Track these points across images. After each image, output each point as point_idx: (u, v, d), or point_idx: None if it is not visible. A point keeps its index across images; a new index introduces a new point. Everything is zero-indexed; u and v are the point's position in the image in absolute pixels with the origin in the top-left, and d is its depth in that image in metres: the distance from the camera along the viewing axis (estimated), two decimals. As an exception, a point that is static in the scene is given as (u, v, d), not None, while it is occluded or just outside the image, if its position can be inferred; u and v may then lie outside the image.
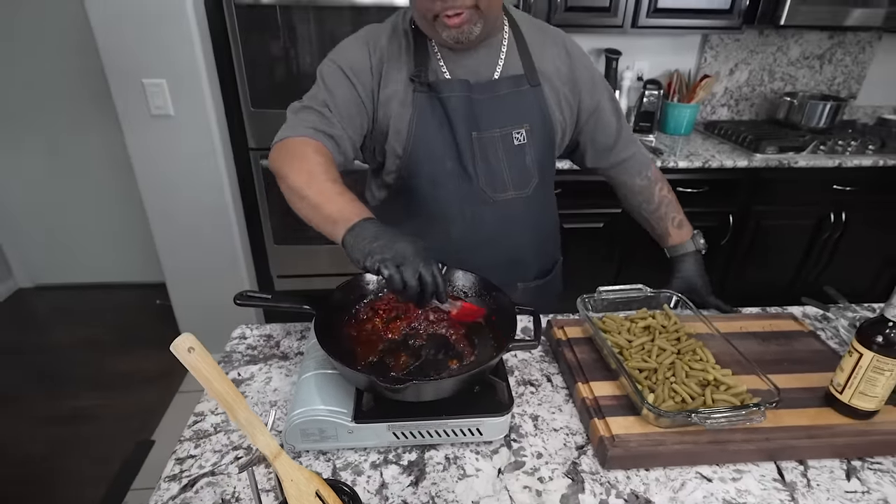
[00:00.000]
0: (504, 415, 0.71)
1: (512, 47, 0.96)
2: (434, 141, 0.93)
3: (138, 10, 1.59)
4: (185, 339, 0.50)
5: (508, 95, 0.94)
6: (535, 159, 0.98)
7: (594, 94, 1.02)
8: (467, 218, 0.98)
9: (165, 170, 1.85)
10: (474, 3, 0.81)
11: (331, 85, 0.90)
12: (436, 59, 0.93)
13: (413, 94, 0.91)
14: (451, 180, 0.95)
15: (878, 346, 0.69)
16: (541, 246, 1.10)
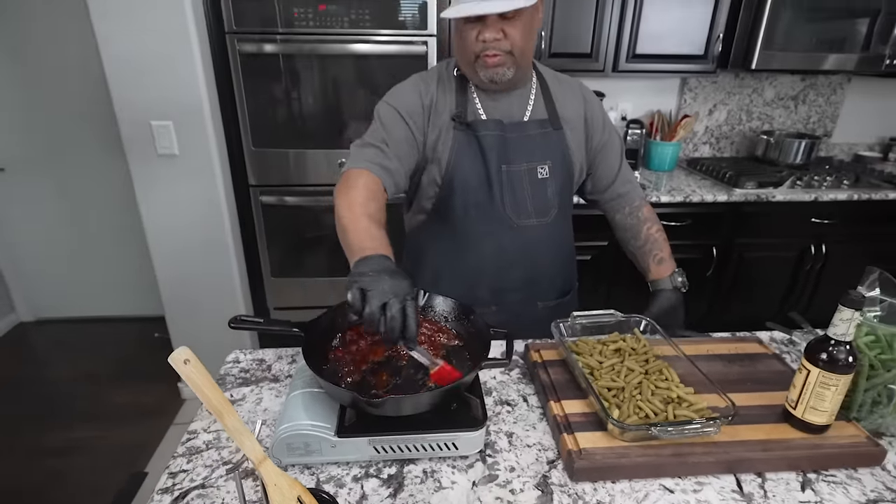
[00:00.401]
0: (478, 429, 0.75)
1: (539, 95, 1.11)
2: (469, 172, 1.06)
3: (150, 57, 1.71)
4: (182, 351, 0.56)
5: (535, 136, 1.09)
6: (556, 192, 1.11)
7: (603, 134, 1.17)
8: (494, 240, 1.10)
9: (169, 206, 1.93)
10: (510, 49, 0.97)
11: (388, 124, 1.03)
12: (474, 102, 1.07)
13: (453, 130, 1.05)
14: (481, 207, 1.08)
15: (824, 362, 0.74)
16: (558, 269, 1.20)
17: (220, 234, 2.00)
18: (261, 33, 1.82)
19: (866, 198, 2.20)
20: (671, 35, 2.17)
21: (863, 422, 0.83)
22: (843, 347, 0.74)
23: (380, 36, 1.86)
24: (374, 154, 1.00)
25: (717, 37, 2.17)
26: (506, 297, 1.16)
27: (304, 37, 1.83)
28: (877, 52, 2.19)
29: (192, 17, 1.69)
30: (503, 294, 1.15)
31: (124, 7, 1.65)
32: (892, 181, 2.29)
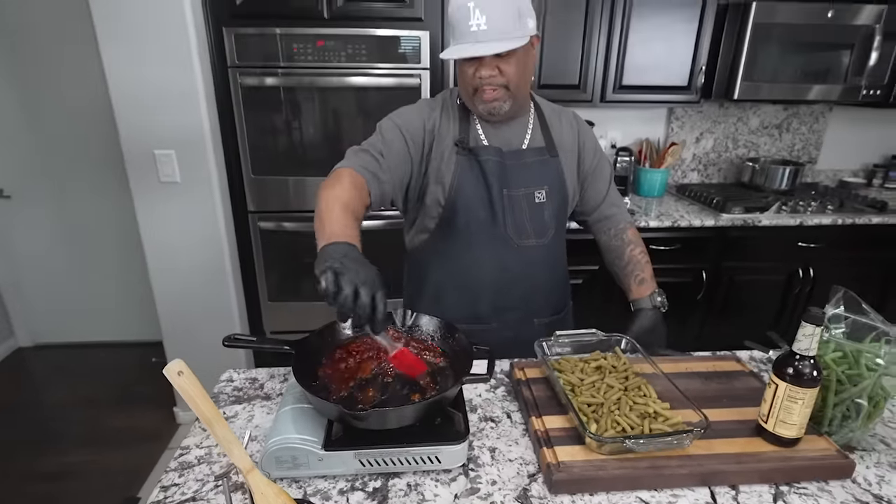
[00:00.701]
0: (460, 443, 0.78)
1: (536, 125, 1.18)
2: (471, 193, 1.12)
3: (156, 91, 1.80)
4: (176, 364, 0.59)
5: (533, 163, 1.16)
6: (552, 215, 1.18)
7: (593, 159, 1.24)
8: (495, 258, 1.16)
9: (169, 232, 1.98)
10: (506, 84, 1.03)
11: (387, 138, 1.09)
12: (476, 129, 1.14)
13: (456, 155, 1.12)
14: (483, 227, 1.14)
15: (790, 377, 0.78)
16: (554, 288, 1.26)
17: (219, 260, 2.05)
18: (262, 67, 1.91)
19: (850, 222, 2.25)
20: (655, 67, 2.26)
21: (834, 436, 0.85)
22: (807, 362, 0.77)
23: (376, 69, 1.95)
24: (368, 160, 1.05)
25: (699, 69, 2.26)
26: (505, 315, 1.20)
27: (303, 70, 1.92)
28: (854, 84, 2.28)
29: (196, 53, 1.78)
30: (503, 312, 1.20)
31: (133, 43, 1.74)
32: (874, 206, 2.35)
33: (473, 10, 0.94)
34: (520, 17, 0.98)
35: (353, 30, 1.90)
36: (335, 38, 1.88)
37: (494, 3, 0.95)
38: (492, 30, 0.95)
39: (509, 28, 0.97)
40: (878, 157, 2.86)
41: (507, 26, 0.97)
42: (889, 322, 0.85)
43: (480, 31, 0.95)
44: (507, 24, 0.96)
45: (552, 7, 2.12)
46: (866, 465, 0.83)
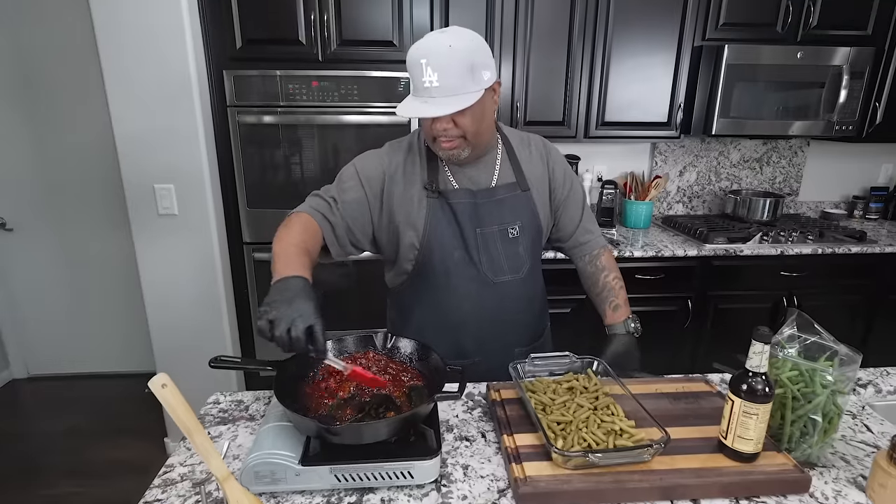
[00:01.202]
0: (432, 458, 0.82)
1: (505, 160, 1.20)
2: (444, 236, 1.15)
3: (158, 129, 1.89)
4: (161, 377, 0.64)
5: (505, 199, 1.17)
6: (527, 248, 1.21)
7: (565, 186, 1.26)
8: (473, 297, 1.18)
9: (166, 263, 2.04)
10: (462, 135, 1.05)
11: (345, 185, 1.14)
12: (444, 171, 1.16)
13: (427, 199, 1.14)
14: (459, 267, 1.16)
15: (745, 393, 0.82)
16: (533, 318, 1.29)
17: (214, 289, 2.10)
18: (259, 106, 2.02)
19: (830, 251, 2.31)
20: (636, 105, 2.37)
21: (794, 452, 0.89)
22: (759, 378, 0.82)
23: (367, 108, 2.05)
24: (320, 204, 1.11)
25: (678, 106, 2.38)
26: (487, 348, 1.22)
27: (298, 109, 2.03)
28: (827, 120, 2.39)
29: (197, 94, 1.89)
30: (484, 345, 1.22)
31: (138, 87, 1.85)
32: (854, 236, 2.41)
33: (425, 67, 0.96)
34: (473, 73, 0.98)
35: (346, 71, 2.01)
36: (329, 79, 2.00)
37: (446, 61, 0.96)
38: (444, 86, 0.96)
39: (461, 85, 0.97)
40: (857, 189, 2.95)
41: (459, 83, 0.97)
42: (840, 342, 0.89)
43: (433, 87, 0.97)
44: (458, 80, 0.97)
45: (535, 47, 2.24)
46: (825, 480, 0.86)
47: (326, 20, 1.97)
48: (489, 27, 2.19)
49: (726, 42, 2.27)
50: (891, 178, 2.91)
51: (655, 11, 2.26)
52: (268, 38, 2.00)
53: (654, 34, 2.29)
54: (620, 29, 2.26)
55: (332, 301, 2.23)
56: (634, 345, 1.24)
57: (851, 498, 0.82)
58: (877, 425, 1.02)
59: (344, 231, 1.12)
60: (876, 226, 2.73)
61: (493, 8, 2.17)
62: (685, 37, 2.29)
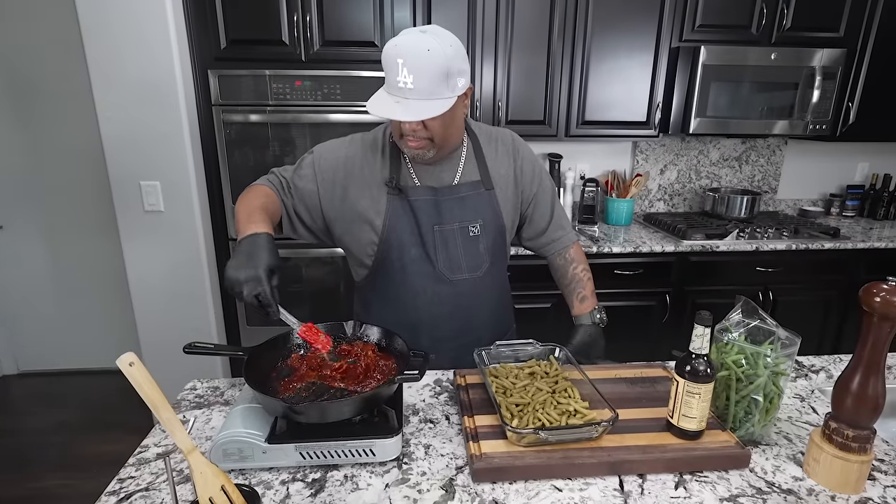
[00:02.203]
0: (393, 437, 0.86)
1: (470, 157, 1.20)
2: (403, 232, 1.15)
3: (144, 128, 1.94)
4: (128, 356, 0.68)
5: (467, 197, 1.18)
6: (487, 247, 1.20)
7: (534, 184, 1.26)
8: (429, 295, 1.19)
9: (152, 258, 2.08)
10: (430, 137, 1.06)
11: (301, 172, 1.17)
12: (407, 167, 1.17)
13: (387, 195, 1.15)
14: (415, 264, 1.17)
15: (688, 374, 0.87)
16: (492, 317, 1.28)
17: (199, 284, 2.14)
18: (244, 105, 2.06)
19: (804, 247, 2.37)
20: (616, 104, 2.43)
21: (738, 431, 0.94)
22: (701, 360, 0.86)
23: (349, 107, 2.10)
24: (275, 181, 1.17)
25: (656, 106, 2.43)
26: (444, 345, 1.22)
27: (282, 108, 2.07)
28: (802, 119, 2.45)
29: (182, 93, 1.93)
30: (442, 342, 1.22)
31: (124, 87, 1.89)
32: (828, 232, 2.47)
33: (402, 67, 0.95)
34: (447, 79, 0.98)
35: (329, 71, 2.06)
36: (312, 78, 2.04)
37: (423, 65, 0.95)
38: (417, 89, 0.96)
39: (435, 90, 0.97)
40: (834, 187, 3.01)
41: (434, 88, 0.97)
42: (782, 326, 0.94)
43: (407, 88, 0.96)
44: (433, 86, 0.97)
45: (516, 47, 2.29)
46: (766, 457, 0.91)
47: (309, 21, 2.01)
48: (471, 27, 2.24)
49: (703, 43, 2.33)
50: (867, 177, 2.97)
51: (633, 12, 2.31)
52: (251, 38, 2.05)
53: (632, 35, 2.34)
54: (599, 29, 2.32)
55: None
56: (600, 334, 1.28)
57: (789, 472, 0.87)
58: (823, 407, 1.07)
59: (293, 212, 1.16)
60: (852, 223, 2.80)
61: (475, 8, 2.22)
62: (663, 38, 2.35)
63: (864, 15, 2.39)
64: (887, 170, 2.92)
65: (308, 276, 2.25)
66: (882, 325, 0.77)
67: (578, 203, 2.73)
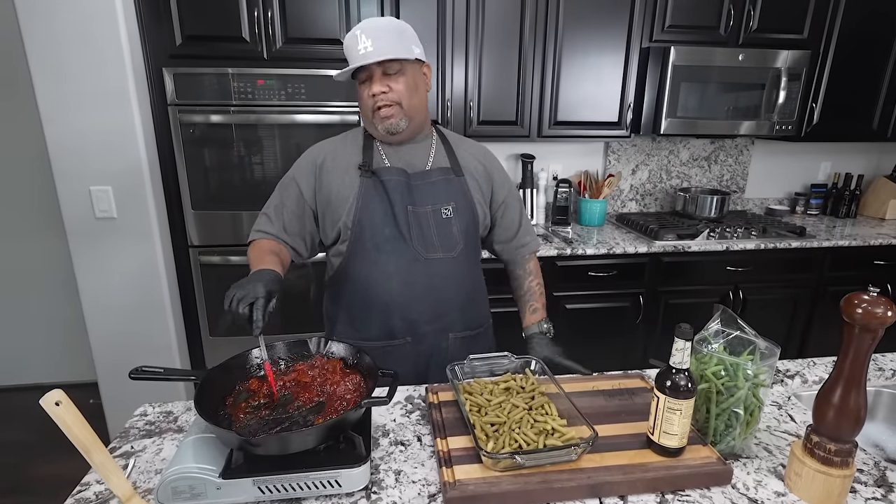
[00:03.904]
0: (360, 465, 0.80)
1: (440, 147, 1.27)
2: (375, 213, 1.18)
3: (92, 128, 1.81)
4: (54, 394, 0.60)
5: (439, 181, 1.22)
6: (461, 229, 1.23)
7: (503, 192, 1.32)
8: (403, 273, 1.19)
9: (105, 268, 1.96)
10: (398, 100, 1.12)
11: (284, 193, 1.23)
12: (379, 154, 1.22)
13: (360, 178, 1.18)
14: (389, 243, 1.18)
15: (668, 389, 0.84)
16: (466, 302, 1.28)
17: (158, 295, 2.02)
18: (202, 105, 1.95)
19: (772, 246, 2.40)
20: (587, 105, 2.41)
21: (719, 445, 0.91)
22: (682, 374, 0.83)
23: (315, 107, 2.01)
24: (265, 223, 1.22)
25: (627, 106, 2.42)
26: (418, 330, 1.23)
27: (244, 108, 1.97)
28: (768, 120, 2.48)
29: (134, 92, 1.81)
30: (415, 325, 1.22)
31: (69, 83, 1.76)
32: (794, 231, 2.51)
33: (360, 36, 1.06)
34: (402, 40, 1.10)
35: (293, 70, 1.97)
36: (275, 77, 1.95)
37: (379, 29, 1.07)
38: (377, 49, 1.06)
39: (393, 48, 1.08)
40: (799, 186, 3.08)
41: (391, 47, 1.08)
42: (761, 336, 0.92)
43: (367, 52, 1.06)
44: (390, 45, 1.08)
45: (487, 47, 2.25)
46: (747, 471, 0.88)
47: (271, 17, 1.92)
48: (440, 26, 2.18)
49: (672, 44, 2.33)
50: (829, 176, 3.04)
51: (604, 12, 2.29)
52: (209, 34, 1.94)
53: (603, 35, 2.32)
54: (571, 29, 2.29)
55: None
56: (548, 342, 1.29)
57: (771, 487, 0.85)
58: (800, 415, 1.05)
59: (300, 239, 1.23)
60: (816, 221, 2.86)
61: (445, 6, 2.16)
62: (633, 38, 2.34)
63: (826, 18, 2.43)
64: (848, 169, 3.00)
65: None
66: (863, 336, 0.75)
67: (551, 204, 2.71)
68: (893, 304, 0.73)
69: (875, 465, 0.91)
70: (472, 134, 2.35)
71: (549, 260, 2.26)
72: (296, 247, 1.23)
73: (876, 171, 3.06)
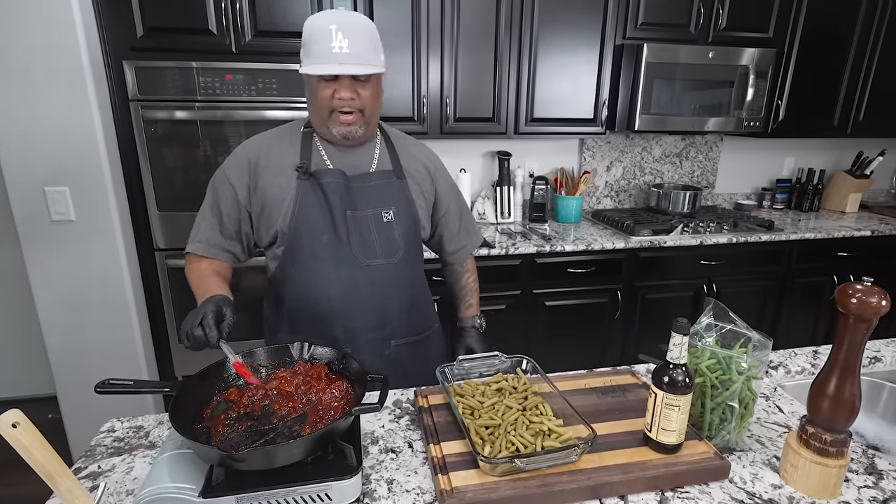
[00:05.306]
0: (351, 477, 0.76)
1: (384, 150, 1.21)
2: (313, 218, 1.12)
3: (46, 125, 1.69)
4: (11, 414, 0.54)
5: (379, 185, 1.17)
6: (402, 234, 1.19)
7: (447, 194, 1.29)
8: (343, 281, 1.14)
9: (63, 275, 1.84)
10: (361, 108, 1.08)
11: (218, 195, 1.16)
12: (319, 154, 1.15)
13: (297, 180, 1.11)
14: (327, 250, 1.13)
15: (666, 385, 0.82)
16: (409, 308, 1.23)
17: (121, 302, 1.91)
18: (167, 101, 1.85)
19: (743, 240, 2.45)
20: (563, 101, 2.41)
21: (714, 439, 0.90)
22: (680, 370, 0.82)
23: (287, 102, 1.94)
24: (209, 236, 1.16)
25: (602, 103, 2.43)
26: (359, 337, 1.17)
27: (211, 104, 1.88)
28: (737, 117, 2.53)
29: (92, 86, 1.71)
30: (357, 334, 1.17)
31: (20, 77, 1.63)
32: (763, 225, 2.58)
33: (336, 32, 0.99)
34: (374, 46, 1.05)
35: (263, 64, 1.89)
36: (244, 71, 1.87)
37: (356, 30, 1.01)
38: (353, 53, 1.00)
39: (368, 55, 1.03)
40: (765, 181, 3.16)
41: (367, 53, 1.03)
42: (754, 328, 0.92)
43: (343, 53, 1.00)
44: (366, 51, 1.03)
45: (463, 43, 2.22)
46: (742, 464, 0.88)
47: (239, 8, 1.84)
48: (415, 21, 2.14)
49: (645, 41, 2.35)
50: (793, 171, 3.14)
51: (578, 9, 2.29)
52: (173, 26, 1.84)
53: (578, 32, 2.33)
54: (546, 26, 2.28)
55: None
56: (479, 335, 1.33)
57: (767, 480, 0.84)
58: (787, 405, 1.06)
59: (237, 243, 1.18)
60: (782, 215, 2.94)
61: (419, 2, 2.12)
62: (607, 35, 2.35)
63: (790, 17, 2.50)
64: (811, 164, 3.10)
65: (238, 282, 2.07)
66: (858, 326, 0.75)
67: (528, 201, 2.70)
68: (887, 294, 0.73)
69: (863, 452, 0.92)
70: (449, 131, 2.32)
71: (528, 257, 2.25)
72: (233, 251, 1.18)
73: (836, 166, 3.18)
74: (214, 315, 0.92)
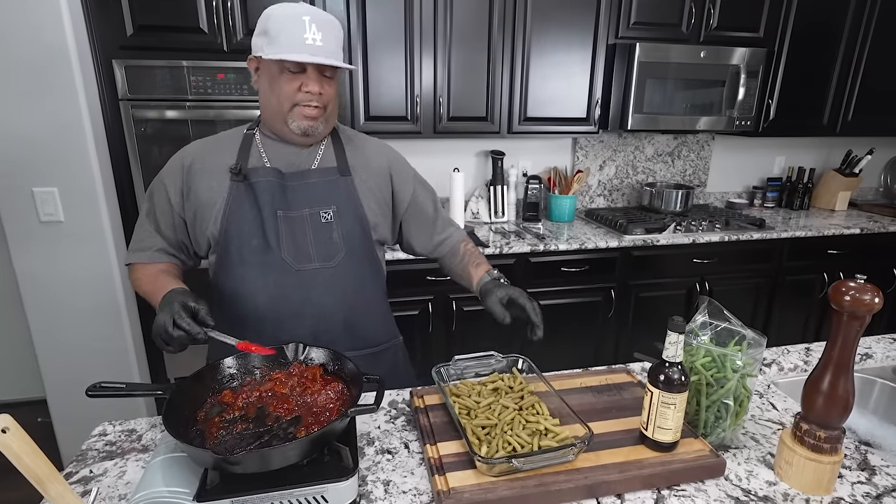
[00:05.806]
0: (348, 479, 0.75)
1: (329, 146, 1.13)
2: (243, 221, 1.05)
3: (34, 124, 1.66)
4: (0, 419, 0.53)
5: (318, 182, 1.09)
6: (342, 235, 1.09)
7: (407, 189, 1.20)
8: (271, 287, 1.07)
9: (52, 276, 1.81)
10: (325, 104, 1.04)
11: (154, 201, 1.11)
12: (259, 153, 1.09)
13: (229, 182, 1.06)
14: (256, 255, 1.06)
15: (662, 383, 0.82)
16: (351, 319, 1.14)
17: (112, 303, 1.89)
18: (158, 100, 1.83)
19: (735, 238, 2.47)
20: (557, 101, 2.41)
21: (709, 437, 0.91)
22: (675, 368, 0.82)
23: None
24: (146, 241, 1.11)
25: (595, 102, 2.44)
26: None
27: (204, 103, 1.86)
28: (728, 116, 2.55)
29: (81, 85, 1.68)
30: None
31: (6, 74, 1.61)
32: (755, 223, 2.60)
33: (309, 24, 0.95)
34: (341, 48, 1.04)
35: (256, 63, 1.87)
36: (236, 70, 1.85)
37: (329, 25, 0.99)
38: (326, 47, 0.98)
39: (339, 52, 1.02)
40: (756, 180, 3.19)
41: (338, 50, 1.02)
42: (748, 326, 0.92)
43: (316, 45, 0.96)
44: (337, 48, 1.02)
45: (456, 43, 2.22)
46: (738, 461, 0.89)
47: (230, 7, 1.82)
48: (408, 20, 2.13)
49: (637, 40, 2.36)
50: (784, 169, 3.17)
51: (571, 8, 2.30)
52: (164, 25, 1.82)
53: (571, 31, 2.33)
54: (539, 26, 2.29)
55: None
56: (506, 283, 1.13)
57: (762, 477, 0.85)
58: (781, 402, 1.07)
59: (183, 251, 1.14)
60: (773, 213, 2.97)
61: (412, 1, 2.11)
62: (600, 34, 2.35)
63: (780, 16, 2.52)
64: (801, 163, 3.13)
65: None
66: (851, 323, 0.75)
67: (522, 200, 2.71)
68: (880, 291, 0.74)
69: (856, 448, 0.93)
70: (442, 130, 2.31)
71: (522, 257, 2.25)
72: (177, 255, 1.13)
73: (825, 164, 3.21)
74: (184, 309, 0.88)
